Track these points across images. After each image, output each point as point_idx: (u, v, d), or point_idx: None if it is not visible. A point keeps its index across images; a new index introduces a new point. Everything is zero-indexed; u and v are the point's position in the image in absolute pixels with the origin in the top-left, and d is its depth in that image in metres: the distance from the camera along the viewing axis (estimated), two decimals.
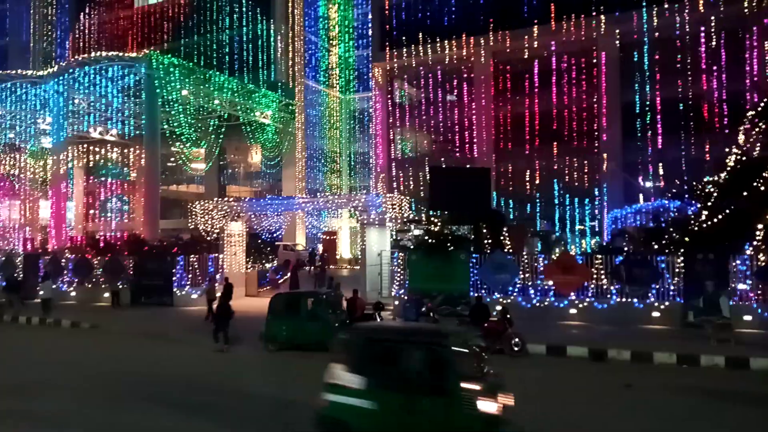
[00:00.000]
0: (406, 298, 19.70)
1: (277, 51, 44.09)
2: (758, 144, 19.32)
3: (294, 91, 43.92)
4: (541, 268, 19.57)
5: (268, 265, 30.57)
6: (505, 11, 37.09)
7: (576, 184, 34.81)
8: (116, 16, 51.73)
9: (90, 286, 26.86)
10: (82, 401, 11.01)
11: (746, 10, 31.17)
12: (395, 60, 40.46)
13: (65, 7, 55.57)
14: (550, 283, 19.31)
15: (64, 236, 35.47)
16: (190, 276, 25.08)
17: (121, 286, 25.36)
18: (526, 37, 35.90)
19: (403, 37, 40.21)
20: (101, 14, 52.43)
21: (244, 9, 45.82)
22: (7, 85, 36.45)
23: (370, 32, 44.21)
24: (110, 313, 23.52)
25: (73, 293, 27.06)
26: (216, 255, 25.87)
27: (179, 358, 15.32)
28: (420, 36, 39.57)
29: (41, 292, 23.63)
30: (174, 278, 24.77)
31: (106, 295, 25.59)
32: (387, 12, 41.03)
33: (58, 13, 56.59)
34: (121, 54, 35.46)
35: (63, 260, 28.03)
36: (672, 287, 17.83)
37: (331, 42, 48.91)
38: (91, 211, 49.54)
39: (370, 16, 44.26)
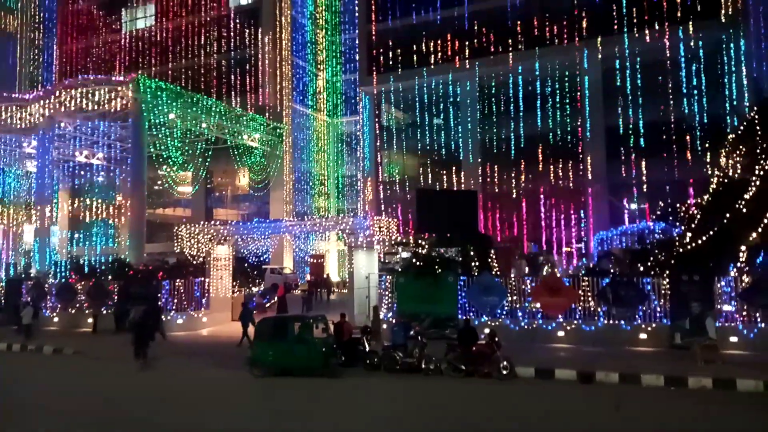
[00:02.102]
0: (393, 321, 19.58)
1: (265, 75, 44.37)
2: (739, 166, 19.64)
3: (282, 115, 44.14)
4: (529, 291, 19.59)
5: (255, 289, 30.29)
6: (490, 36, 37.76)
7: (562, 206, 35.12)
8: (104, 40, 51.86)
9: (73, 311, 26.42)
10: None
11: (723, 36, 32.02)
12: (382, 84, 40.89)
13: (52, 32, 55.67)
14: (538, 305, 19.32)
15: (48, 261, 34.95)
16: (175, 301, 24.77)
17: (105, 312, 24.97)
18: (511, 61, 36.53)
19: (390, 62, 40.73)
20: (88, 38, 52.53)
21: (231, 33, 46.18)
22: None
23: (357, 57, 44.72)
24: (92, 338, 23.10)
25: (56, 319, 26.59)
26: (202, 279, 25.63)
27: (157, 385, 15.05)
28: (406, 60, 40.09)
29: (23, 318, 23.19)
30: (159, 303, 24.43)
31: (90, 320, 25.18)
32: (374, 37, 41.58)
33: (45, 37, 56.68)
34: (108, 78, 35.46)
35: (46, 285, 27.59)
36: (659, 309, 17.90)
37: (318, 66, 49.36)
38: (76, 235, 48.97)
39: (357, 42, 44.82)
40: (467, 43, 38.41)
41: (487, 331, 16.29)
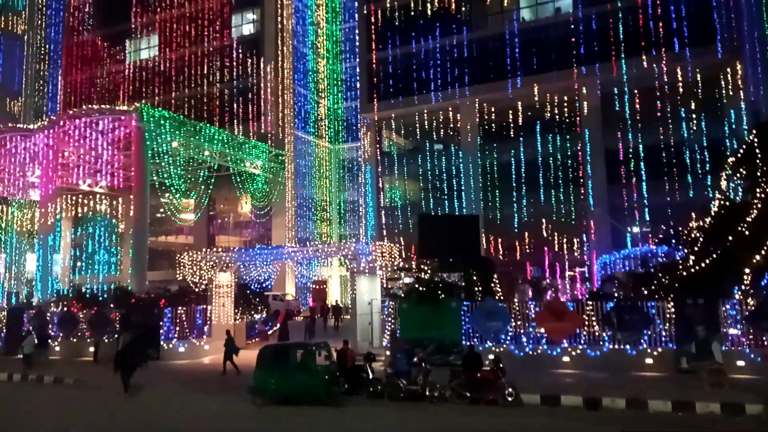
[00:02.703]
0: (397, 348, 19.42)
1: (267, 103, 44.88)
2: (740, 189, 19.69)
3: (284, 142, 44.49)
4: (533, 316, 19.47)
5: (257, 316, 30.15)
6: (489, 63, 38.24)
7: (564, 230, 35.11)
8: (108, 70, 52.60)
9: (75, 340, 26.27)
10: None
11: (720, 60, 32.39)
12: (383, 111, 41.29)
13: (57, 63, 56.51)
14: (542, 330, 19.19)
15: (50, 289, 34.91)
16: (177, 329, 24.64)
17: (106, 340, 24.83)
18: (510, 87, 36.93)
19: (391, 89, 41.19)
20: (93, 69, 53.27)
21: (234, 63, 46.83)
22: None
23: (358, 85, 45.27)
24: (93, 368, 22.92)
25: (57, 348, 26.43)
26: (204, 306, 25.53)
27: (158, 416, 14.89)
28: (407, 87, 40.55)
29: (24, 347, 23.05)
30: (161, 331, 24.33)
31: (92, 349, 25.02)
32: (374, 65, 42.13)
33: (50, 68, 57.51)
34: (112, 107, 35.89)
35: (48, 314, 27.48)
36: (664, 333, 17.77)
37: (320, 94, 49.94)
38: (78, 264, 48.98)
39: (357, 70, 45.41)
40: (466, 70, 38.88)
41: (491, 357, 16.16)
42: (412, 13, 41.21)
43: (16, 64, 57.69)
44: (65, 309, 27.65)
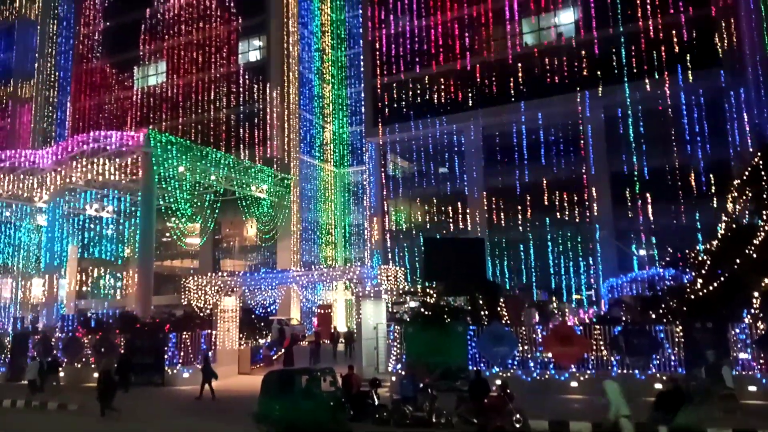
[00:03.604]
0: (403, 373, 19.25)
1: (273, 128, 45.26)
2: (746, 211, 19.62)
3: (290, 166, 44.75)
4: (540, 340, 19.29)
5: (261, 341, 29.98)
6: (493, 86, 38.55)
7: (570, 253, 34.96)
8: (116, 96, 53.28)
9: (80, 366, 26.15)
10: None
11: (723, 83, 32.55)
12: (388, 135, 41.57)
13: (66, 90, 57.34)
14: (550, 355, 18.99)
15: (55, 315, 34.89)
16: (182, 354, 24.52)
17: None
18: (514, 110, 37.16)
19: (395, 113, 41.54)
20: (101, 95, 53.98)
21: (240, 89, 47.38)
22: (6, 165, 36.96)
23: (362, 109, 45.67)
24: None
25: (62, 373, 26.28)
26: (209, 331, 25.43)
27: None
28: (411, 111, 40.89)
29: (27, 373, 22.97)
30: (166, 356, 24.21)
31: (96, 375, 24.85)
32: (379, 90, 42.55)
33: (59, 94, 58.34)
34: (119, 133, 36.24)
35: (53, 339, 27.43)
36: (673, 357, 17.55)
37: (325, 119, 50.38)
38: (84, 289, 49.02)
39: (362, 94, 45.86)
40: (470, 93, 39.19)
41: (498, 382, 15.98)
42: (416, 39, 41.74)
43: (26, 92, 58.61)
44: (70, 334, 27.59)
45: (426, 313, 20.65)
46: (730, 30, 32.62)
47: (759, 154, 19.47)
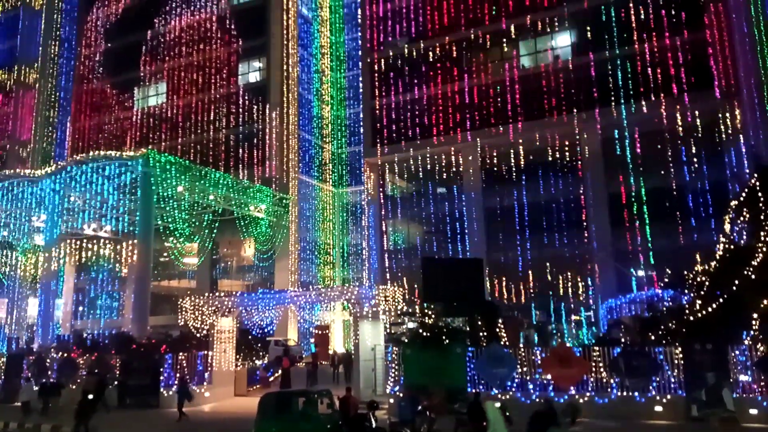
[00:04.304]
0: (401, 395, 19.07)
1: (272, 148, 45.45)
2: (744, 233, 19.66)
3: (288, 186, 44.84)
4: (539, 362, 19.16)
5: (258, 362, 29.72)
6: (491, 108, 38.85)
7: (569, 274, 34.90)
8: (116, 116, 53.53)
9: (75, 387, 25.83)
10: None
11: (718, 106, 32.84)
12: (386, 155, 41.76)
13: (67, 110, 57.64)
14: (549, 377, 18.84)
15: (51, 335, 34.61)
16: (177, 375, 24.27)
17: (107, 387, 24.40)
18: (512, 132, 37.41)
19: (393, 134, 41.79)
20: (101, 115, 54.23)
21: (240, 109, 47.69)
22: (5, 184, 36.98)
23: (361, 130, 45.95)
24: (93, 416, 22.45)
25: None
26: (205, 352, 25.21)
27: None
28: (409, 132, 41.14)
29: (21, 395, 22.69)
30: (161, 378, 23.97)
31: (91, 396, 24.55)
32: (377, 111, 42.85)
33: (60, 114, 58.63)
34: (118, 153, 36.32)
35: (48, 360, 27.15)
36: (673, 379, 17.43)
37: (324, 139, 50.64)
38: (80, 309, 48.71)
39: (361, 115, 46.18)
40: (468, 115, 39.48)
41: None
42: (414, 61, 42.16)
43: (27, 111, 58.93)
44: (65, 355, 27.34)
45: (424, 334, 20.52)
46: (724, 53, 33.02)
47: (756, 175, 19.58)
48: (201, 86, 49.48)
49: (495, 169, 38.46)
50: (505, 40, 39.38)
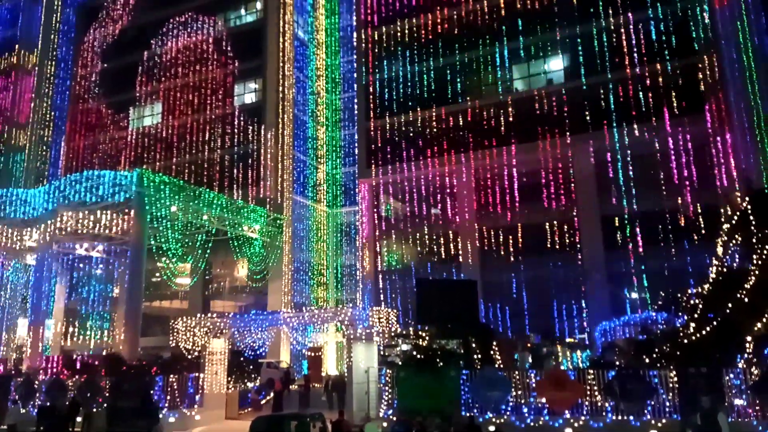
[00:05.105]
0: (394, 419, 18.87)
1: (266, 169, 45.51)
2: (737, 255, 19.76)
3: (282, 206, 44.80)
4: (534, 385, 19.04)
5: (250, 385, 29.37)
6: (485, 130, 39.16)
7: (562, 296, 34.90)
8: (110, 136, 53.55)
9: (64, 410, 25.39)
10: None
11: (710, 129, 33.24)
12: (381, 176, 41.90)
13: (62, 129, 57.65)
14: (544, 400, 18.71)
15: (40, 356, 34.15)
16: (168, 398, 23.95)
17: (95, 409, 24.02)
18: (505, 154, 37.67)
19: (388, 155, 42.01)
20: (96, 135, 54.26)
21: (235, 130, 47.84)
22: None
23: (356, 151, 46.16)
24: None
25: None
26: (197, 374, 24.92)
27: None
28: (404, 153, 41.37)
29: (6, 418, 22.28)
30: (151, 400, 23.58)
31: (80, 419, 24.17)
32: (372, 132, 43.11)
33: (54, 133, 58.61)
34: (112, 172, 36.26)
35: (36, 382, 26.73)
36: (668, 403, 17.34)
37: (319, 160, 50.78)
38: (71, 330, 48.15)
39: (356, 137, 46.42)
40: (462, 136, 39.77)
41: (491, 429, 15.68)
42: (409, 84, 42.57)
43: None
44: (54, 376, 26.94)
45: (418, 356, 20.39)
46: (714, 77, 33.53)
47: (747, 199, 19.75)
48: (197, 107, 49.67)
49: (489, 190, 38.64)
50: (498, 63, 39.87)
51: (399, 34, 43.70)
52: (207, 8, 50.68)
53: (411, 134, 41.70)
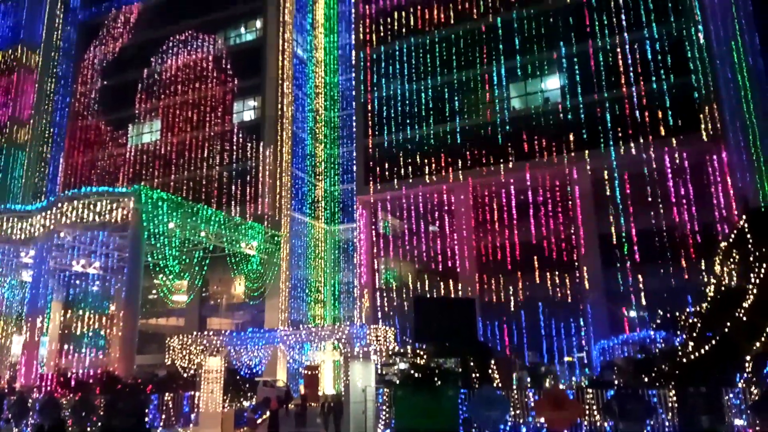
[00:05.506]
0: None
1: (265, 185, 45.57)
2: (734, 274, 19.74)
3: (280, 223, 44.76)
4: (532, 404, 18.87)
5: (246, 403, 29.07)
6: (482, 148, 39.32)
7: (561, 314, 34.77)
8: (109, 153, 53.63)
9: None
10: None
11: (705, 149, 33.42)
12: (379, 193, 41.97)
13: (60, 145, 57.77)
14: (542, 420, 18.52)
15: (34, 373, 33.81)
16: (163, 417, 23.70)
17: (89, 429, 23.73)
18: (503, 172, 37.79)
19: (386, 173, 42.11)
20: (95, 152, 54.34)
21: (234, 147, 47.98)
22: None
23: (354, 168, 46.28)
24: None
25: None
26: (192, 393, 24.68)
27: None
28: (402, 171, 41.48)
29: None
30: (146, 419, 23.35)
31: None
32: (370, 150, 43.28)
33: (53, 150, 58.71)
34: (110, 189, 36.27)
35: (30, 400, 26.42)
36: (667, 423, 17.18)
37: (317, 177, 50.90)
38: (66, 347, 47.73)
39: (354, 154, 46.58)
40: (460, 154, 39.92)
41: None
42: (407, 102, 42.84)
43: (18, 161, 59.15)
44: (48, 395, 26.65)
45: (416, 375, 20.23)
46: (710, 97, 33.80)
47: (744, 217, 19.79)
48: (196, 124, 49.86)
49: (486, 208, 38.70)
50: (495, 82, 40.19)
51: (397, 53, 44.08)
52: (207, 27, 51.12)
53: (409, 152, 41.85)
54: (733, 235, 20.11)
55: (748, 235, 18.91)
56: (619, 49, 36.62)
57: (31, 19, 62.46)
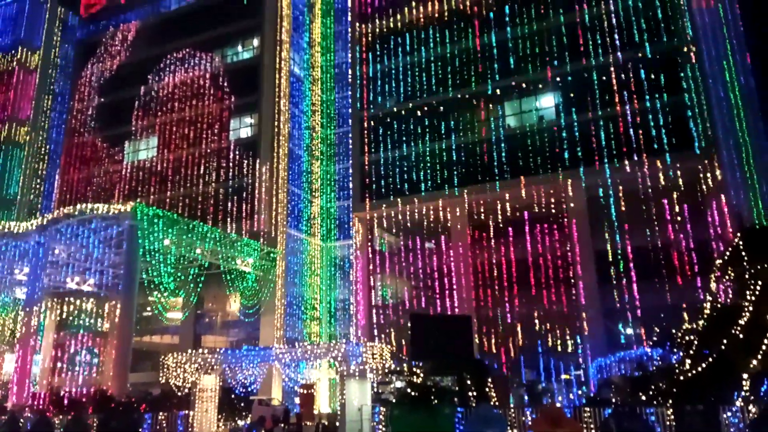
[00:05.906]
0: None
1: (261, 202, 45.59)
2: (730, 291, 19.78)
3: (276, 240, 44.70)
4: (529, 423, 18.75)
5: (240, 423, 28.77)
6: (478, 166, 39.52)
7: (557, 332, 34.71)
8: (105, 169, 53.63)
9: None
10: None
11: (700, 166, 33.68)
12: (375, 210, 42.03)
13: (56, 162, 57.78)
14: None
15: (27, 392, 33.41)
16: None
17: None
18: (498, 190, 37.94)
19: (382, 189, 42.23)
20: (90, 168, 54.33)
21: (230, 164, 48.06)
22: None
23: (350, 185, 46.40)
24: None
25: None
26: (186, 412, 24.44)
27: None
28: (398, 187, 41.61)
29: None
30: None
31: None
32: (366, 167, 43.43)
33: (49, 167, 58.70)
34: (106, 206, 36.17)
35: (21, 420, 26.06)
36: None
37: (313, 194, 50.98)
38: (59, 365, 47.24)
39: (350, 171, 46.72)
40: (455, 172, 40.10)
41: None
42: (403, 119, 43.11)
43: (16, 164, 58.98)
44: (39, 414, 26.28)
45: (412, 393, 20.11)
46: (703, 115, 34.13)
47: (739, 234, 19.89)
48: (192, 141, 49.98)
49: (482, 225, 38.78)
50: (490, 100, 40.52)
51: (393, 71, 44.44)
52: (204, 44, 51.49)
53: (405, 169, 42.02)
54: (728, 253, 20.19)
55: (743, 253, 18.99)
56: (612, 68, 37.01)
57: (30, 34, 62.82)
